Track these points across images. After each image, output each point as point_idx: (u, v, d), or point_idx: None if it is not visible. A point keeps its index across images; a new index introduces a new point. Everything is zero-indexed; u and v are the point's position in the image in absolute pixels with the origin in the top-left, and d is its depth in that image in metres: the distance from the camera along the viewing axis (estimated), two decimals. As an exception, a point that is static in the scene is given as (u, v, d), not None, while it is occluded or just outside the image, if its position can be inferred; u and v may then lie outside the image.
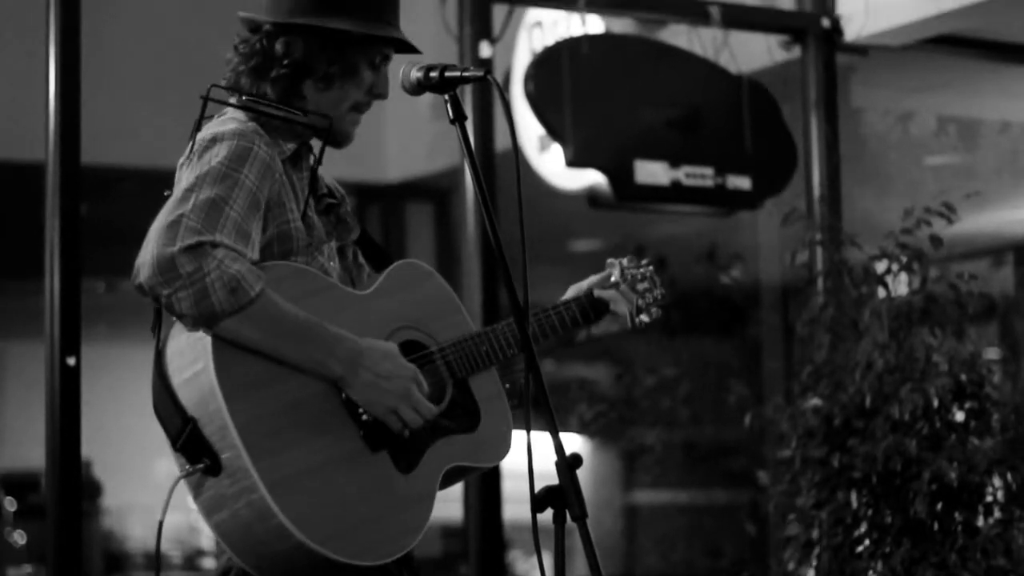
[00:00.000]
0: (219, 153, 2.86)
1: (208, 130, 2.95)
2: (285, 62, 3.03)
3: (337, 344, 2.85)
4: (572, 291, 3.32)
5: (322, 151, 3.08)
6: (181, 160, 2.96)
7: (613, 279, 3.33)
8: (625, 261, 3.37)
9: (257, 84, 3.05)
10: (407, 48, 3.13)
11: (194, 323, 2.75)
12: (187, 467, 2.78)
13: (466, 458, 3.05)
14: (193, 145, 2.93)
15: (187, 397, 2.80)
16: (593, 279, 3.33)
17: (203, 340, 2.78)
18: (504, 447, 3.14)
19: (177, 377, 2.83)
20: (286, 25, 3.04)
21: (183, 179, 2.86)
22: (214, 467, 2.77)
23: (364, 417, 2.88)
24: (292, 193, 3.01)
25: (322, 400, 2.86)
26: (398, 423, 2.90)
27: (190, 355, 2.80)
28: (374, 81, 3.10)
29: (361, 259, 3.22)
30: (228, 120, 2.97)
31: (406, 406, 2.90)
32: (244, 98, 3.04)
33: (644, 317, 3.35)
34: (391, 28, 3.09)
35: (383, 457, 2.90)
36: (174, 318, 2.81)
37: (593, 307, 3.29)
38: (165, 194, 2.97)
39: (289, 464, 2.77)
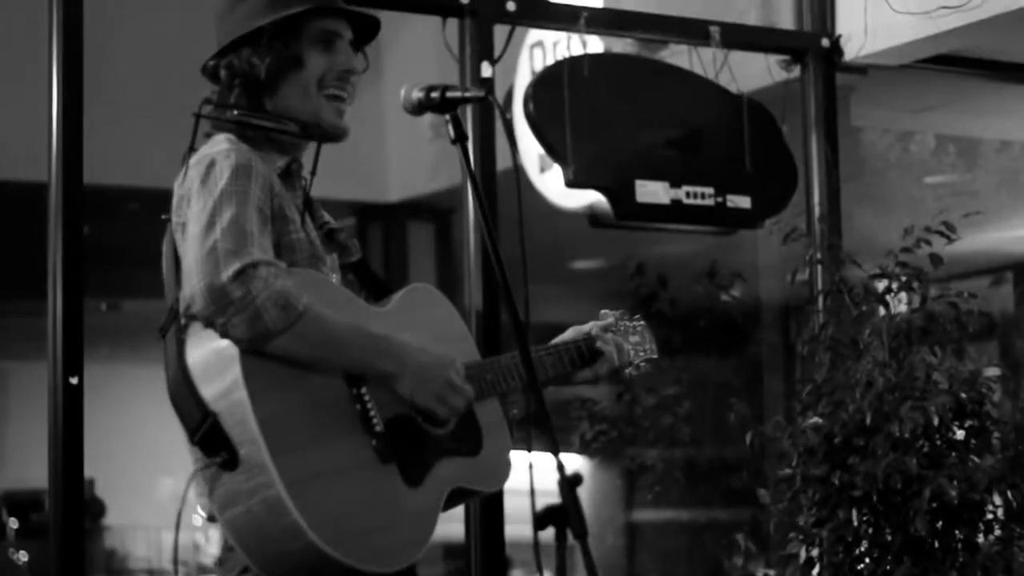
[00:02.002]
0: (223, 173, 2.89)
1: (201, 153, 2.98)
2: (236, 81, 3.09)
3: (383, 342, 2.92)
4: (571, 333, 3.42)
5: (316, 156, 3.13)
6: (176, 182, 3.00)
7: (608, 327, 3.44)
8: (619, 313, 3.52)
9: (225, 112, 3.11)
10: (358, 18, 3.19)
11: (249, 344, 2.77)
12: (204, 460, 2.80)
13: (468, 480, 3.10)
14: (187, 168, 2.96)
15: (209, 390, 2.81)
16: (590, 325, 3.46)
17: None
18: (504, 474, 3.20)
19: (199, 370, 2.84)
20: (221, 53, 3.12)
21: (195, 208, 2.88)
22: (231, 461, 2.78)
23: (377, 428, 2.91)
24: (292, 206, 3.05)
25: (338, 406, 2.89)
26: (445, 409, 2.95)
27: (215, 349, 2.82)
28: (335, 61, 3.14)
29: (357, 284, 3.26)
30: (220, 141, 3.01)
31: (449, 391, 2.96)
32: (236, 113, 3.08)
33: (632, 370, 3.48)
34: (311, 2, 3.12)
35: (392, 469, 2.93)
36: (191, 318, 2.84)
37: (590, 350, 3.41)
38: (163, 218, 3.01)
39: (306, 464, 2.80)
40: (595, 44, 6.45)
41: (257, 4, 3.10)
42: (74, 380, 4.78)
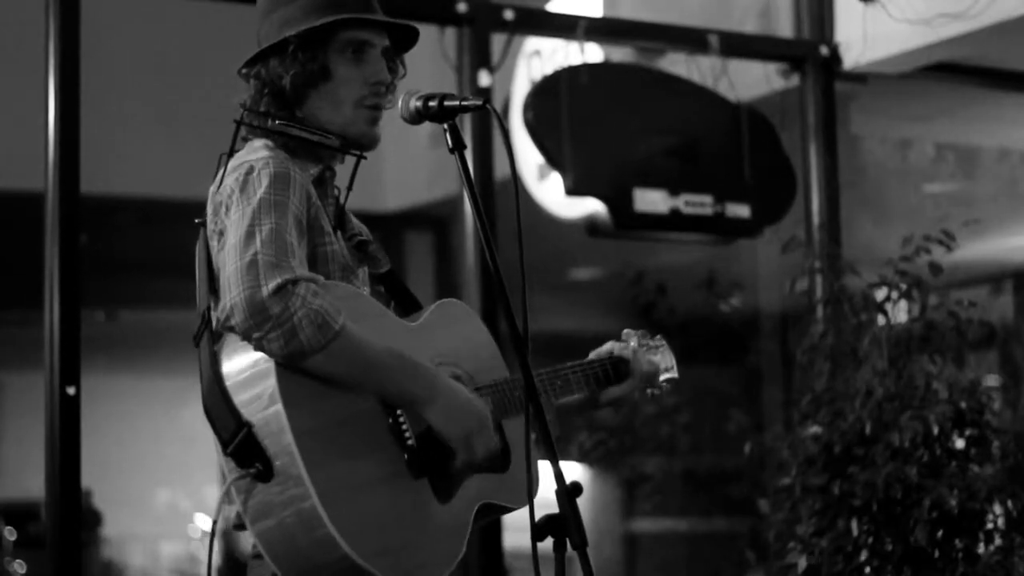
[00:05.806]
0: (262, 182, 2.87)
1: (239, 159, 2.96)
2: (265, 90, 3.07)
3: (416, 370, 2.89)
4: (595, 353, 3.40)
5: (355, 169, 3.12)
6: (212, 187, 2.98)
7: (631, 347, 3.42)
8: (640, 333, 3.47)
9: (265, 119, 3.08)
10: (393, 28, 3.16)
11: (284, 360, 2.76)
12: (238, 471, 2.78)
13: (496, 496, 3.08)
14: (224, 173, 2.95)
15: (243, 401, 2.80)
16: (611, 345, 3.42)
17: None
18: (532, 490, 3.17)
19: (234, 380, 2.82)
20: (252, 61, 3.09)
21: (234, 216, 2.86)
22: (265, 473, 2.77)
23: (409, 442, 2.90)
24: (325, 216, 3.04)
25: (370, 420, 2.87)
26: (467, 453, 2.92)
27: (250, 360, 2.81)
28: (365, 72, 3.12)
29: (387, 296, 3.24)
30: (258, 148, 2.99)
31: (478, 437, 2.92)
32: (277, 122, 3.07)
33: (654, 390, 3.47)
34: (339, 12, 3.08)
35: (424, 484, 2.91)
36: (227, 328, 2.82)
37: (615, 370, 3.38)
38: (196, 221, 2.99)
39: (340, 477, 2.78)
40: (593, 53, 6.45)
41: (292, 11, 3.08)
42: (71, 390, 4.78)
